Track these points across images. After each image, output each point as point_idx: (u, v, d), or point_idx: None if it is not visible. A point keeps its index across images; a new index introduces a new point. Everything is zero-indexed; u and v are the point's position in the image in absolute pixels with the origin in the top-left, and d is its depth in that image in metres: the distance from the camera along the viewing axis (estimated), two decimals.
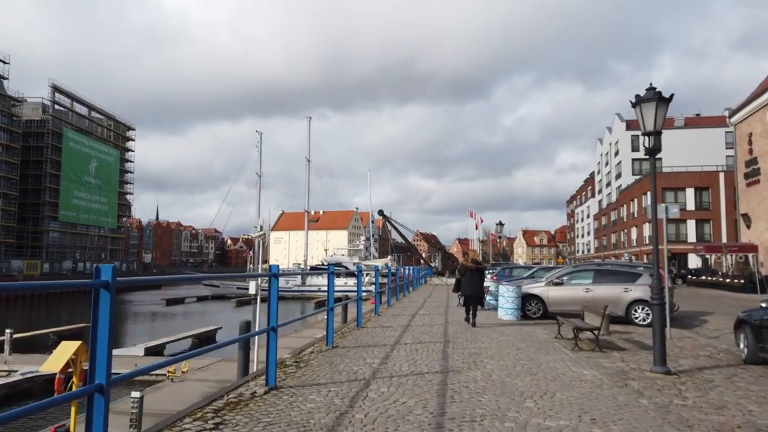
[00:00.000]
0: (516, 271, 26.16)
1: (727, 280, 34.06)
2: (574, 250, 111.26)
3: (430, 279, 44.98)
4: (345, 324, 15.33)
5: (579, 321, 10.90)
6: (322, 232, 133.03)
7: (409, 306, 18.54)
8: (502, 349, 9.22)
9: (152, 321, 42.15)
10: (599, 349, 9.32)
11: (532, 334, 11.39)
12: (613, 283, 14.32)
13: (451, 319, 14.10)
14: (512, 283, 15.66)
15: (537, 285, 15.06)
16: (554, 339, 10.73)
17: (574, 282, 14.80)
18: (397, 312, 16.09)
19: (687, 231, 54.15)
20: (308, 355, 8.01)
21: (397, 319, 13.97)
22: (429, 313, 15.74)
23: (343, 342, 9.44)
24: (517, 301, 14.34)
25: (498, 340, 10.26)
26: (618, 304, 13.61)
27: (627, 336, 11.72)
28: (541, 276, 22.24)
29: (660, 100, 7.83)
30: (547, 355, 8.68)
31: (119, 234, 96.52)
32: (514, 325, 13.01)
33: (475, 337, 10.58)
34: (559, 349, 9.42)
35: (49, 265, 72.85)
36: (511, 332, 11.64)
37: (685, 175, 54.83)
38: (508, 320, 14.16)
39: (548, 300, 14.61)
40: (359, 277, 11.68)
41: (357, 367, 7.18)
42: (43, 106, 77.26)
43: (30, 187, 74.21)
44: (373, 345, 9.22)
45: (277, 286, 5.91)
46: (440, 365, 7.51)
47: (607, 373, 7.39)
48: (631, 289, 14.01)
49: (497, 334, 11.30)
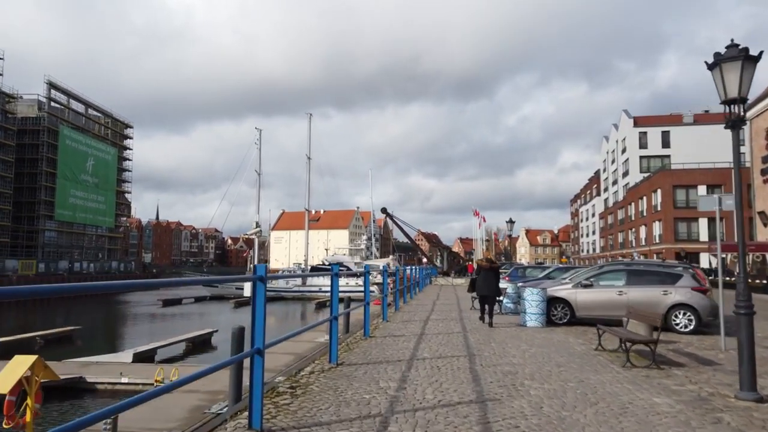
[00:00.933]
0: (530, 271, 24.62)
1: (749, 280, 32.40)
2: (579, 250, 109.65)
3: (435, 279, 43.47)
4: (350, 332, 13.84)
5: (623, 330, 9.36)
6: (323, 231, 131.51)
7: (419, 310, 17.01)
8: (539, 365, 7.69)
9: (147, 323, 40.64)
10: (656, 366, 7.79)
11: (565, 345, 9.87)
12: (649, 285, 12.78)
13: (469, 326, 12.58)
14: (537, 286, 14.12)
15: (563, 287, 13.52)
16: (594, 351, 9.21)
17: (604, 284, 13.27)
18: (406, 317, 14.56)
19: (699, 230, 52.56)
20: (307, 377, 6.48)
21: (408, 325, 12.44)
22: (442, 318, 14.21)
23: (349, 357, 7.91)
24: (543, 305, 12.80)
25: (530, 353, 8.74)
26: (656, 308, 12.05)
27: (674, 346, 10.20)
28: (558, 276, 20.73)
29: (747, 59, 6.27)
30: (597, 374, 7.15)
31: (117, 233, 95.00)
32: (541, 333, 11.47)
33: (503, 349, 9.05)
34: (606, 365, 7.90)
35: (45, 265, 71.34)
36: (541, 342, 10.11)
37: (697, 173, 53.25)
38: (532, 326, 12.64)
39: (576, 304, 13.07)
40: (366, 278, 10.15)
41: (369, 395, 5.65)
42: (39, 103, 75.70)
43: (25, 185, 72.66)
44: (386, 361, 7.69)
45: (264, 291, 4.38)
46: (473, 390, 5.99)
47: (684, 400, 5.87)
48: (670, 292, 12.48)
49: (525, 344, 9.77)
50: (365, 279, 10.06)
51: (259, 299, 4.35)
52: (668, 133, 68.66)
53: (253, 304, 4.35)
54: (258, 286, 4.35)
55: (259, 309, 4.34)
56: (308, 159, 63.98)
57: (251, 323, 4.34)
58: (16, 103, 72.96)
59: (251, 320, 4.34)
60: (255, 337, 4.32)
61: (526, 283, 19.29)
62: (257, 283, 4.35)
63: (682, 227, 53.03)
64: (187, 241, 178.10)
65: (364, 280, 10.14)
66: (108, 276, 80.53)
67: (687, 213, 52.52)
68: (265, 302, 4.40)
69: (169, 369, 17.09)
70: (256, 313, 4.34)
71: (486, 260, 14.29)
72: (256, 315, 4.34)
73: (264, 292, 4.36)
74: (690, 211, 52.52)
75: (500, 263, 22.60)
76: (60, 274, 71.14)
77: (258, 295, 4.35)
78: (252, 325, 4.34)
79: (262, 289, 4.35)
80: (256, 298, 4.35)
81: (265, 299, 4.39)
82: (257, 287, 4.35)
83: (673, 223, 52.67)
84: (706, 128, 66.44)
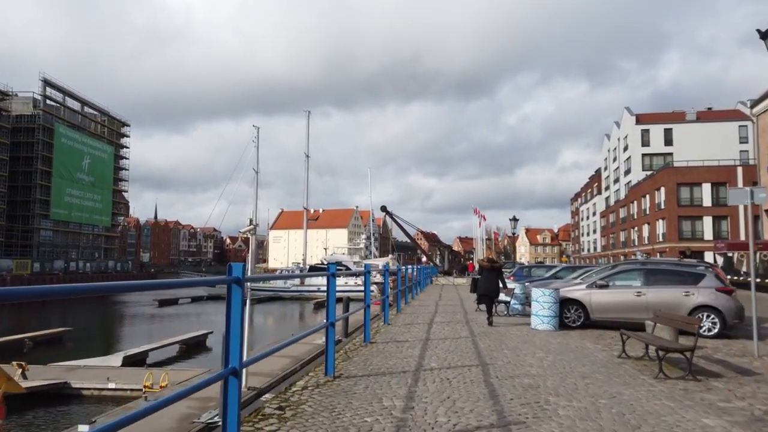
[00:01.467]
0: (535, 270, 23.75)
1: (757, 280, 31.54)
2: (579, 249, 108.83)
3: (436, 278, 42.62)
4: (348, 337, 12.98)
5: (649, 335, 8.51)
6: (322, 230, 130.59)
7: (421, 311, 16.15)
8: (562, 376, 6.84)
9: (141, 323, 39.79)
10: (692, 377, 6.94)
11: (584, 351, 9.02)
12: (669, 285, 11.93)
13: (476, 329, 11.72)
14: (546, 286, 13.27)
15: (576, 288, 12.66)
16: (618, 359, 8.36)
17: (621, 284, 12.42)
18: (408, 319, 13.70)
19: (703, 228, 51.74)
20: (299, 393, 5.61)
21: (411, 329, 11.58)
22: (447, 321, 13.35)
23: (348, 368, 7.04)
24: (555, 307, 11.95)
25: (548, 361, 7.89)
26: (677, 311, 11.20)
27: (701, 353, 9.35)
28: (566, 276, 19.88)
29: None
30: (628, 388, 6.30)
31: (114, 233, 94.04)
32: (555, 338, 10.62)
33: (518, 357, 8.20)
34: (635, 377, 7.05)
35: (40, 264, 70.45)
36: (557, 348, 9.26)
37: (702, 170, 52.40)
38: (543, 330, 11.78)
39: (591, 306, 12.22)
40: (367, 278, 9.28)
41: (371, 418, 4.79)
42: (34, 101, 74.78)
43: (20, 184, 71.74)
44: (389, 372, 6.83)
45: (242, 296, 3.53)
46: (492, 410, 5.13)
47: (738, 421, 5.02)
48: (693, 293, 11.63)
49: (541, 351, 8.91)
50: (365, 280, 9.20)
51: (234, 307, 3.49)
52: (671, 130, 67.84)
53: (227, 312, 3.49)
54: (233, 291, 3.49)
55: (235, 319, 3.48)
56: (307, 157, 63.10)
57: (225, 336, 3.48)
58: (10, 100, 72.04)
59: (225, 333, 3.48)
60: (229, 353, 3.46)
61: (532, 282, 18.45)
62: (232, 287, 3.49)
63: (686, 225, 52.19)
64: (186, 241, 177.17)
65: (364, 281, 9.28)
66: (104, 275, 79.67)
67: (691, 211, 51.73)
68: (244, 309, 3.54)
69: (159, 374, 16.23)
70: (230, 325, 3.48)
71: (487, 260, 14.12)
72: (230, 327, 3.48)
73: (241, 298, 3.50)
74: (694, 209, 51.73)
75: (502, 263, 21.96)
76: (55, 274, 70.24)
77: (233, 302, 3.49)
78: (225, 339, 3.48)
79: (238, 294, 3.49)
80: (231, 305, 3.49)
81: (242, 306, 3.53)
82: (232, 292, 3.49)
83: (677, 222, 51.84)
84: (709, 126, 65.65)
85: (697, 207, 51.73)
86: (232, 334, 3.46)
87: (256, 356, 4.42)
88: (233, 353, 3.45)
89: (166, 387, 15.14)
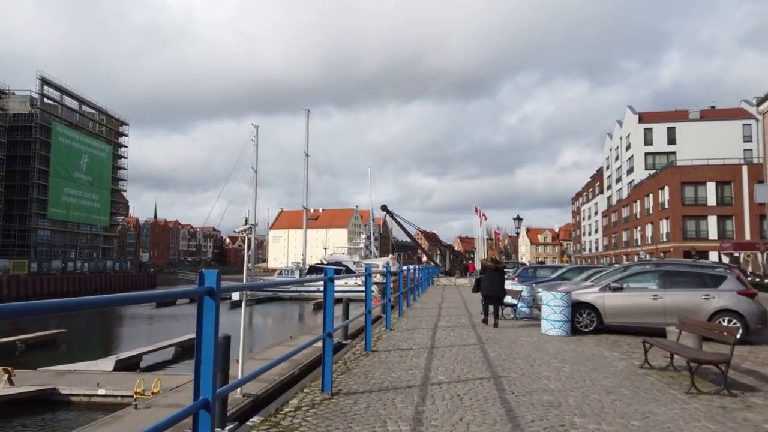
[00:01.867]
0: (540, 271, 23.07)
1: (766, 281, 30.90)
2: (581, 249, 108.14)
3: (437, 279, 41.96)
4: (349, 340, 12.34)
5: (673, 343, 7.85)
6: (322, 230, 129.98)
7: (424, 315, 15.49)
8: (584, 392, 6.18)
9: (137, 325, 39.19)
10: (727, 392, 6.29)
11: (602, 361, 8.36)
12: (688, 288, 11.27)
13: (484, 335, 11.05)
14: (555, 289, 12.62)
15: (589, 291, 12.00)
16: (641, 370, 7.70)
17: (636, 286, 11.76)
18: (411, 324, 13.04)
19: (708, 228, 51.04)
20: (292, 415, 4.95)
21: (414, 335, 10.92)
22: (452, 325, 12.69)
23: (347, 382, 6.38)
24: (567, 311, 11.28)
25: (566, 373, 7.23)
26: (696, 315, 10.56)
27: None
28: (573, 277, 19.22)
29: None
30: (660, 405, 5.65)
31: (112, 233, 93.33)
32: (568, 344, 9.96)
33: (532, 368, 7.53)
34: (664, 391, 6.39)
35: (37, 264, 69.71)
36: (573, 357, 8.60)
37: (706, 169, 51.71)
38: (554, 335, 11.13)
39: (604, 310, 11.56)
40: (368, 281, 8.62)
41: None
42: (31, 100, 74.02)
43: (17, 183, 70.98)
44: (393, 387, 6.16)
45: (217, 310, 2.87)
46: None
47: None
48: (713, 296, 10.98)
49: (556, 360, 8.26)
50: (366, 283, 8.54)
51: (207, 324, 2.83)
52: (674, 129, 67.17)
53: (198, 331, 2.83)
54: (205, 304, 2.83)
55: (208, 339, 2.82)
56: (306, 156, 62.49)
57: (195, 359, 2.82)
58: (7, 99, 71.33)
59: (195, 356, 2.82)
60: (200, 382, 2.80)
61: (538, 284, 17.80)
62: (204, 300, 2.83)
63: (690, 225, 51.50)
64: (185, 240, 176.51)
65: (365, 285, 8.61)
66: (102, 276, 78.99)
67: (696, 210, 51.06)
68: (218, 326, 2.89)
69: (151, 379, 15.57)
70: (202, 347, 2.82)
71: (491, 260, 13.74)
72: (202, 349, 2.82)
73: (216, 314, 2.85)
74: (699, 208, 51.06)
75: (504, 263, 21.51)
76: (53, 274, 69.55)
77: (205, 318, 2.83)
78: (196, 364, 2.82)
79: (212, 308, 2.83)
80: (203, 322, 2.83)
81: (217, 324, 2.87)
82: (204, 305, 2.83)
83: (681, 221, 51.15)
84: (713, 124, 64.97)
85: (701, 206, 51.06)
86: (204, 357, 2.80)
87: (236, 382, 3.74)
88: (205, 381, 2.79)
89: (157, 393, 14.51)
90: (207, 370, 2.78)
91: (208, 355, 2.78)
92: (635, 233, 65.38)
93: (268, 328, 38.21)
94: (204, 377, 2.78)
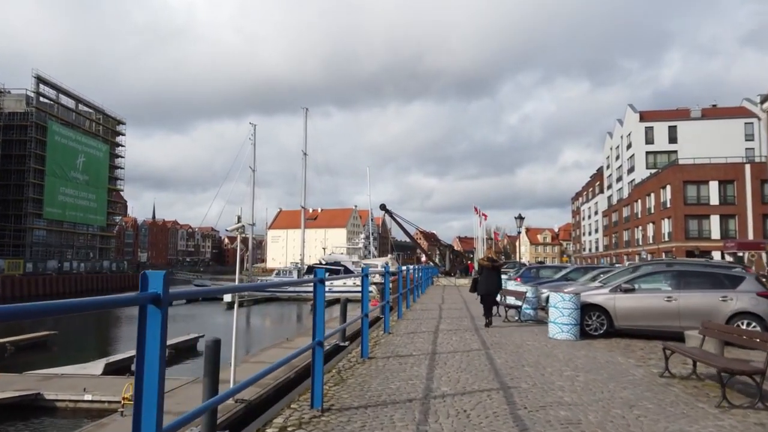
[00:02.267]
0: (543, 271, 22.44)
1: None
2: (581, 248, 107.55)
3: (437, 279, 41.34)
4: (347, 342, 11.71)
5: (696, 350, 7.23)
6: (321, 230, 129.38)
7: (424, 317, 14.86)
8: (604, 405, 5.55)
9: (132, 326, 38.46)
10: (764, 406, 5.67)
11: (618, 368, 7.74)
12: (704, 289, 10.66)
13: (488, 339, 10.42)
14: (562, 290, 12.00)
15: (599, 292, 11.37)
16: (662, 379, 7.08)
17: (647, 287, 11.14)
18: (411, 327, 12.41)
19: (710, 227, 50.43)
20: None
21: (414, 339, 10.29)
22: (454, 329, 12.06)
23: (340, 395, 5.74)
24: (576, 314, 10.67)
25: (580, 383, 6.61)
26: (713, 317, 9.94)
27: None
28: (578, 278, 18.61)
29: None
30: (691, 423, 5.03)
31: (109, 233, 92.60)
32: (579, 350, 9.34)
33: (543, 377, 6.91)
34: (692, 404, 5.77)
35: (33, 264, 69.03)
36: (585, 364, 7.98)
37: (709, 168, 51.09)
38: (563, 339, 10.51)
39: (615, 312, 10.94)
40: (365, 282, 7.99)
41: None
42: (27, 98, 73.29)
43: (12, 182, 70.28)
44: (391, 401, 5.53)
45: (163, 322, 2.24)
46: None
47: None
48: (731, 298, 10.37)
49: (568, 368, 7.63)
50: (363, 285, 7.91)
51: (150, 339, 2.20)
52: (675, 128, 66.57)
53: (139, 348, 2.20)
54: (149, 315, 2.20)
55: (152, 359, 2.19)
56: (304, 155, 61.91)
57: (134, 396, 2.19)
58: (3, 97, 70.66)
59: (135, 387, 2.19)
60: (141, 417, 2.17)
61: (541, 284, 17.20)
62: (147, 310, 2.21)
63: (693, 224, 50.89)
64: (184, 241, 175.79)
65: (362, 286, 7.99)
66: (99, 276, 78.30)
67: (698, 210, 50.46)
68: (164, 342, 2.26)
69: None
70: (144, 370, 2.19)
71: (488, 259, 13.71)
72: (145, 374, 2.19)
73: (162, 327, 2.22)
74: (701, 207, 50.46)
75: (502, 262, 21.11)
76: (48, 274, 68.86)
77: (149, 333, 2.20)
78: (136, 393, 2.19)
79: (157, 319, 2.20)
80: (145, 337, 2.21)
81: (163, 339, 2.24)
82: (148, 317, 2.21)
83: (683, 221, 50.54)
84: (714, 123, 64.37)
85: (704, 205, 50.47)
86: (146, 384, 2.17)
87: (180, 418, 3.03)
88: (147, 416, 2.16)
89: None
90: (150, 400, 2.15)
91: (152, 381, 2.15)
92: (636, 233, 64.77)
93: (266, 328, 37.64)
94: (146, 410, 2.15)
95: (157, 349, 2.17)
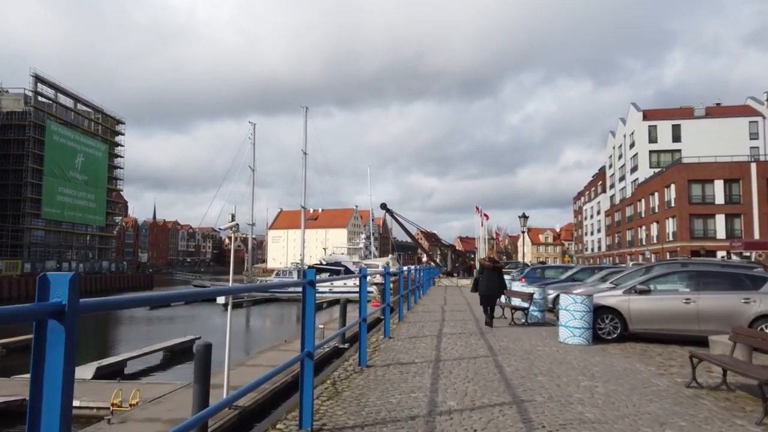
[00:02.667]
0: (548, 272, 21.79)
1: None
2: (583, 248, 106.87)
3: (438, 279, 40.70)
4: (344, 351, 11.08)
5: (728, 359, 6.59)
6: (321, 230, 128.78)
7: (427, 319, 14.23)
8: (630, 423, 4.92)
9: (128, 327, 37.94)
10: None
11: (638, 377, 7.10)
12: (724, 291, 10.01)
13: (496, 345, 9.78)
14: (571, 291, 11.37)
15: (612, 294, 10.73)
16: (689, 390, 6.44)
17: (664, 288, 10.50)
18: (413, 330, 11.78)
19: (716, 227, 49.75)
20: None
21: (416, 345, 9.65)
22: (458, 332, 11.43)
23: (334, 411, 5.11)
24: (588, 317, 10.03)
25: (600, 394, 5.98)
26: (735, 320, 9.31)
27: None
28: (586, 278, 17.99)
29: None
30: None
31: (109, 233, 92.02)
32: (593, 356, 8.70)
33: (559, 388, 6.28)
34: (729, 421, 5.14)
35: (31, 264, 68.45)
36: (602, 371, 7.34)
37: (714, 166, 50.40)
38: (575, 344, 9.87)
39: (630, 315, 10.30)
40: (363, 283, 7.38)
41: None
42: (25, 98, 72.74)
43: (10, 182, 69.71)
44: (392, 419, 4.91)
45: (69, 340, 1.59)
46: None
47: None
48: (754, 300, 9.72)
49: (584, 377, 6.99)
50: (361, 287, 7.28)
51: (51, 367, 1.57)
52: (679, 126, 65.89)
53: (35, 380, 1.57)
54: (49, 333, 1.57)
55: (51, 392, 1.56)
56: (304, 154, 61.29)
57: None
58: (0, 97, 70.10)
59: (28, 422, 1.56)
60: None
61: (548, 285, 16.58)
62: (48, 325, 1.57)
63: (698, 224, 50.19)
64: (184, 241, 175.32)
65: (360, 288, 7.36)
66: (98, 276, 77.73)
67: (703, 209, 49.76)
68: (72, 366, 1.62)
69: (130, 389, 14.37)
70: (42, 406, 1.56)
71: (489, 259, 13.71)
72: (42, 412, 1.55)
73: (67, 346, 1.58)
74: (706, 206, 49.77)
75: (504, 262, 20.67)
76: None
77: (48, 358, 1.57)
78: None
79: (60, 338, 1.57)
80: (44, 363, 1.58)
81: (70, 361, 1.61)
82: (48, 335, 1.57)
83: (688, 220, 49.85)
84: (719, 121, 63.69)
85: (709, 205, 49.77)
86: (45, 421, 1.54)
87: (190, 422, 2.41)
88: None
89: (135, 405, 13.31)
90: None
91: (52, 419, 1.52)
92: (640, 232, 64.08)
93: (265, 329, 37.07)
94: None
95: (59, 382, 1.54)
